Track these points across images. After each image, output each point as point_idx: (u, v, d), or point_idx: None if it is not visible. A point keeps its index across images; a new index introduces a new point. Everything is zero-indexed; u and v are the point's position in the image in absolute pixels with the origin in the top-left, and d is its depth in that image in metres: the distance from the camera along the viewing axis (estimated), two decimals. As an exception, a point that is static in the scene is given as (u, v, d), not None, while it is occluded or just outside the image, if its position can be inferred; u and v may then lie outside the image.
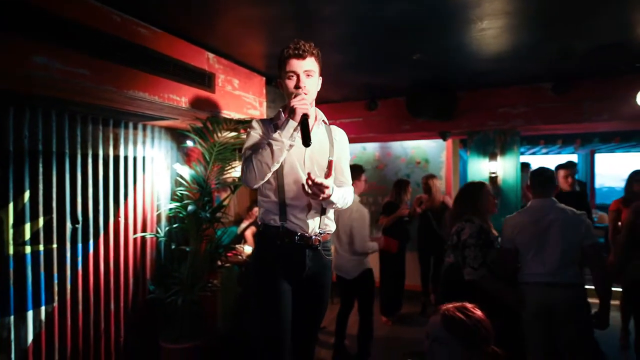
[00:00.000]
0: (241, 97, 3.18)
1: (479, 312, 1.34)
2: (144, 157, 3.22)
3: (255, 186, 1.72)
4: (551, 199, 2.52)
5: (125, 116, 2.88)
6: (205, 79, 2.78)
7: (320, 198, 1.64)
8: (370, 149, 5.71)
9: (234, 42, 2.74)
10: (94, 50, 2.03)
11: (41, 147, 2.50)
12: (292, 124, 1.63)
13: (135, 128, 3.13)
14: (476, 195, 2.69)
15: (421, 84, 3.90)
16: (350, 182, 1.99)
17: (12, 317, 2.37)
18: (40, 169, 2.50)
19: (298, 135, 1.67)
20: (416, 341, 4.03)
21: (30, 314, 2.46)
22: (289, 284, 1.81)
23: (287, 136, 1.64)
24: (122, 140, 3.02)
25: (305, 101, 1.64)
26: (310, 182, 1.60)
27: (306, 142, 1.58)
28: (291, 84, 1.72)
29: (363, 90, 4.25)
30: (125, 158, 3.07)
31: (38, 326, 2.50)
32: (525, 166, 5.14)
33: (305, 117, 1.61)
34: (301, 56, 1.69)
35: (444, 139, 4.67)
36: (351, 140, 2.05)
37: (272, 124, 1.81)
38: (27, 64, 1.75)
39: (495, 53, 2.98)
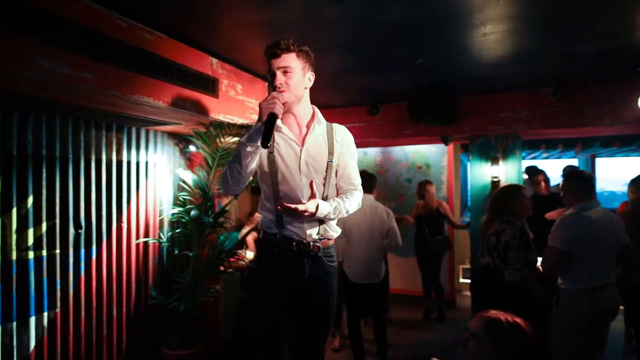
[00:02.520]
0: (244, 102, 3.18)
1: (525, 326, 1.28)
2: (146, 162, 3.22)
3: (232, 192, 1.75)
4: (597, 201, 2.53)
5: (128, 121, 2.88)
6: (208, 84, 2.79)
7: (303, 217, 1.62)
8: (371, 154, 5.71)
9: (237, 47, 2.75)
10: (99, 54, 2.03)
11: (45, 152, 2.50)
12: (257, 124, 1.57)
13: (138, 133, 3.14)
14: (512, 197, 2.71)
15: (423, 88, 3.91)
16: (359, 185, 1.90)
17: (14, 323, 2.35)
18: (44, 174, 2.50)
19: (289, 143, 1.65)
20: (418, 346, 4.01)
21: (32, 319, 2.45)
22: (287, 291, 1.78)
23: (250, 136, 1.58)
24: (125, 145, 3.02)
25: (275, 100, 1.56)
26: (283, 208, 1.58)
27: (264, 143, 1.50)
28: (270, 83, 1.69)
29: (365, 95, 4.25)
30: (128, 163, 3.06)
31: (40, 332, 2.49)
32: (534, 171, 5.10)
33: (271, 116, 1.53)
34: (275, 54, 1.66)
35: (446, 144, 4.67)
36: None
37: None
38: (32, 66, 1.75)
39: (497, 57, 2.99)
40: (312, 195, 1.64)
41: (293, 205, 1.57)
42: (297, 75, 1.69)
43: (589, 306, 2.38)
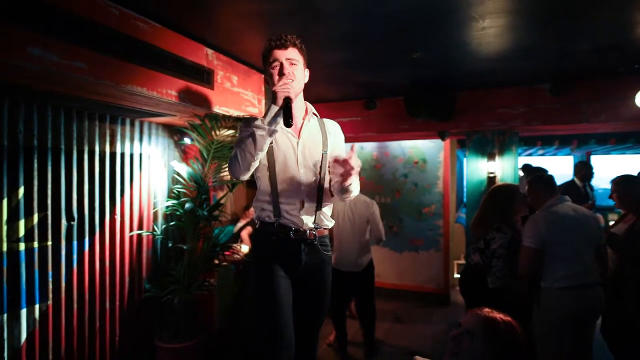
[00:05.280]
0: (240, 94, 3.15)
1: (519, 330, 1.27)
2: (140, 154, 3.18)
3: (242, 177, 1.73)
4: (564, 197, 2.53)
5: (122, 112, 2.84)
6: (203, 75, 2.75)
7: (347, 183, 1.65)
8: (368, 149, 5.69)
9: (233, 37, 2.71)
10: (91, 43, 1.99)
11: (36, 143, 2.46)
12: (274, 108, 1.63)
13: (132, 124, 3.10)
14: (510, 201, 2.69)
15: (420, 83, 3.88)
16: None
17: (5, 316, 2.33)
18: (35, 165, 2.46)
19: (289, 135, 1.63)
20: (412, 340, 4.02)
21: (24, 312, 2.42)
22: (287, 279, 1.82)
23: (268, 121, 1.63)
24: (118, 137, 2.98)
25: (288, 85, 1.63)
26: (344, 161, 1.59)
27: (287, 122, 1.57)
28: (275, 72, 1.73)
29: (361, 89, 4.22)
30: (122, 155, 3.03)
31: (32, 324, 2.46)
32: (527, 168, 5.11)
33: (287, 100, 1.60)
34: (283, 45, 1.72)
35: (443, 139, 4.66)
36: (349, 140, 2.06)
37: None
38: (20, 55, 1.71)
39: (495, 52, 2.97)
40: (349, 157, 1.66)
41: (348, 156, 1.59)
42: (301, 69, 1.77)
43: (569, 305, 2.36)
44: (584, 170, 4.98)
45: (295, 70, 1.73)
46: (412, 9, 2.25)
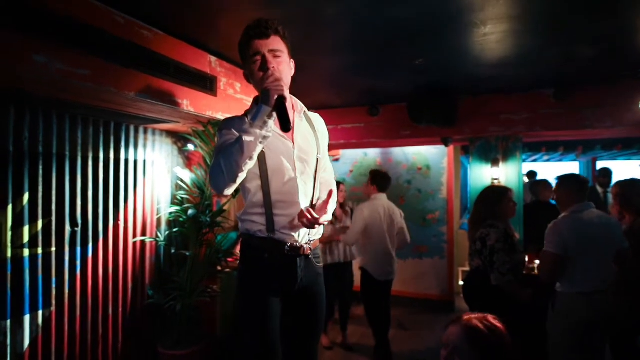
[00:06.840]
0: (243, 101, 3.17)
1: (501, 325, 1.29)
2: (144, 161, 3.20)
3: (226, 191, 1.46)
4: (590, 203, 2.52)
5: (126, 119, 2.87)
6: (207, 82, 2.77)
7: (318, 225, 1.56)
8: (371, 155, 5.69)
9: (236, 44, 2.70)
10: (95, 50, 2.01)
11: (41, 149, 2.49)
12: (265, 109, 1.37)
13: (136, 131, 3.12)
14: (499, 200, 2.72)
15: (423, 89, 3.88)
16: (333, 174, 1.86)
17: (8, 321, 2.33)
18: (40, 171, 2.48)
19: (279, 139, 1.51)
20: (415, 347, 3.98)
21: (27, 318, 2.42)
22: (280, 300, 1.67)
23: (260, 125, 1.37)
24: (122, 143, 3.01)
25: (280, 82, 1.39)
26: (307, 218, 1.50)
27: (286, 126, 1.35)
28: (257, 67, 1.49)
29: (365, 96, 4.24)
30: (126, 161, 3.05)
31: (35, 331, 2.47)
32: (532, 175, 5.11)
33: (281, 99, 1.36)
34: (264, 34, 1.48)
35: (446, 145, 4.65)
36: (352, 146, 2.01)
37: (246, 117, 1.51)
38: (26, 62, 1.73)
39: (497, 58, 2.97)
40: (326, 202, 1.59)
41: (316, 215, 1.50)
42: (286, 61, 1.55)
43: (586, 311, 2.34)
44: (602, 177, 5.08)
45: (280, 64, 1.50)
46: (413, 15, 2.26)
